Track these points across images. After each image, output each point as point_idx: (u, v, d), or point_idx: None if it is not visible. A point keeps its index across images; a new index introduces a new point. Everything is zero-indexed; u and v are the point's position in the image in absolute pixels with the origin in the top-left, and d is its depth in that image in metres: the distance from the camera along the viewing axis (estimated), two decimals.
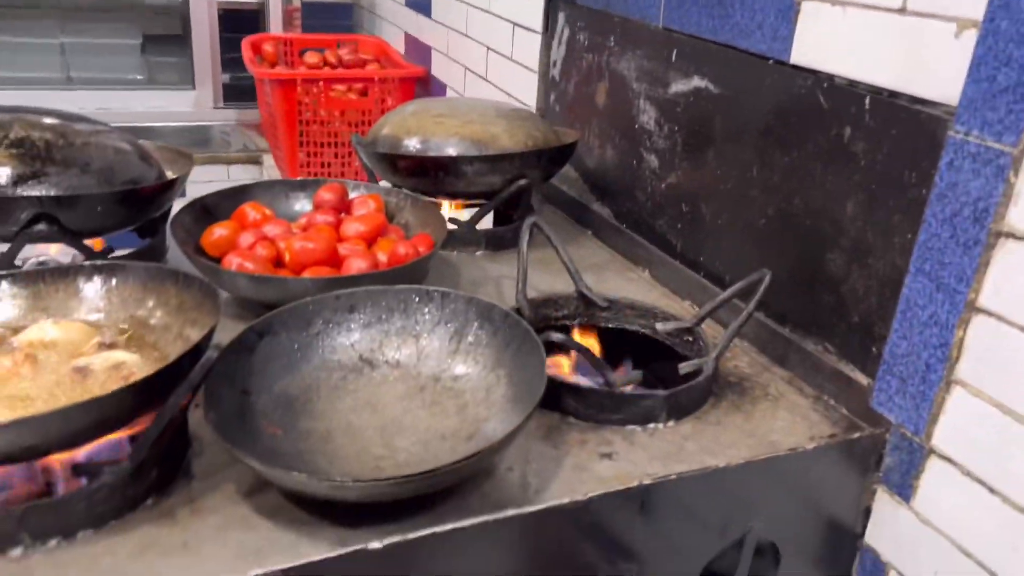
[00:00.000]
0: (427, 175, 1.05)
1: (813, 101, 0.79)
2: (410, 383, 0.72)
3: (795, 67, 0.81)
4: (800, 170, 0.81)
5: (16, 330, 0.69)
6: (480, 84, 1.63)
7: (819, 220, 0.79)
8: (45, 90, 2.17)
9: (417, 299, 0.76)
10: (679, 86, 0.98)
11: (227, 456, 0.61)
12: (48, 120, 0.88)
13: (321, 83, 1.85)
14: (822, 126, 0.78)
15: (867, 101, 0.73)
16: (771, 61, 0.84)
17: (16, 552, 0.53)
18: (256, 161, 2.13)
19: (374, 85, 1.91)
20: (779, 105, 0.83)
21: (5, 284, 0.70)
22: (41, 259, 0.88)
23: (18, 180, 0.82)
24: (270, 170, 2.08)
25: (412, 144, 1.06)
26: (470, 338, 0.74)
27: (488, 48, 1.56)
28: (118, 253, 0.91)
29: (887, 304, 0.72)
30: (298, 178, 1.54)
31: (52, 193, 0.82)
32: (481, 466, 0.63)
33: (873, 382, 0.74)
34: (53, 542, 0.54)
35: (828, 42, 0.77)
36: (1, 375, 0.63)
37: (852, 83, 0.75)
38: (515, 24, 1.41)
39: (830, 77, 0.77)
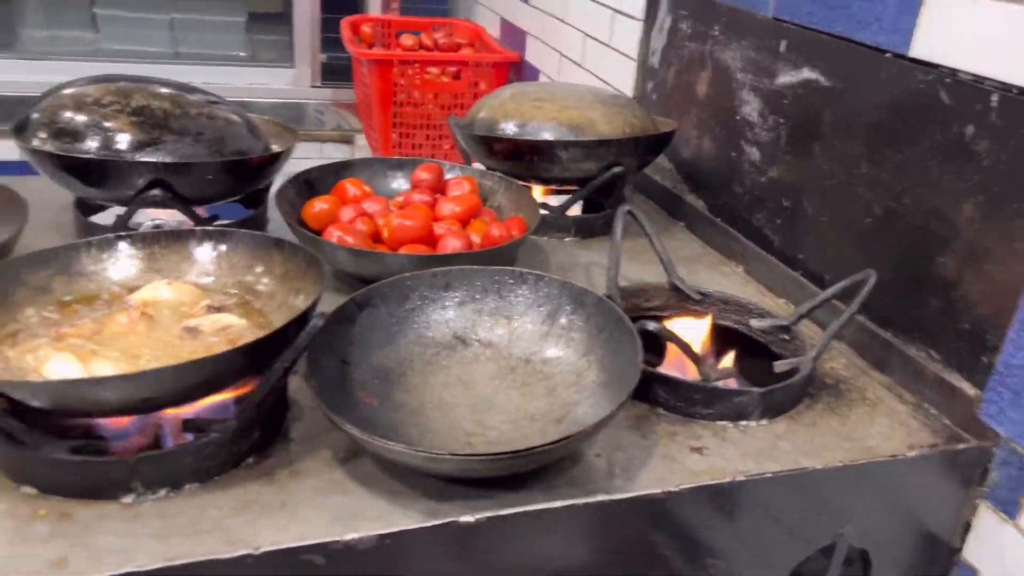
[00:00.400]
0: (522, 159, 1.05)
1: (933, 96, 0.75)
2: (501, 363, 0.72)
3: (915, 61, 0.77)
4: (913, 168, 0.78)
5: (131, 289, 0.72)
6: (575, 70, 1.62)
7: (931, 221, 0.76)
8: (155, 63, 2.26)
9: (511, 280, 0.76)
10: (787, 78, 0.95)
11: (323, 422, 0.63)
12: (165, 90, 0.91)
13: (417, 65, 1.88)
14: (941, 123, 0.75)
15: (994, 98, 0.69)
16: (888, 54, 0.80)
17: (128, 499, 0.56)
18: (349, 140, 2.17)
19: (468, 69, 1.92)
20: (894, 100, 0.80)
21: (124, 245, 0.74)
22: (156, 222, 0.91)
23: (137, 146, 0.86)
24: (362, 150, 2.11)
25: (509, 127, 1.07)
26: (562, 322, 0.74)
27: (585, 34, 1.55)
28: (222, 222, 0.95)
29: (1003, 313, 0.69)
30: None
31: (167, 160, 0.86)
32: (572, 449, 0.63)
33: (982, 393, 0.71)
34: (162, 492, 0.57)
35: (954, 36, 0.73)
36: (118, 331, 0.66)
37: (978, 79, 0.71)
38: (615, 11, 1.39)
39: (953, 72, 0.74)
